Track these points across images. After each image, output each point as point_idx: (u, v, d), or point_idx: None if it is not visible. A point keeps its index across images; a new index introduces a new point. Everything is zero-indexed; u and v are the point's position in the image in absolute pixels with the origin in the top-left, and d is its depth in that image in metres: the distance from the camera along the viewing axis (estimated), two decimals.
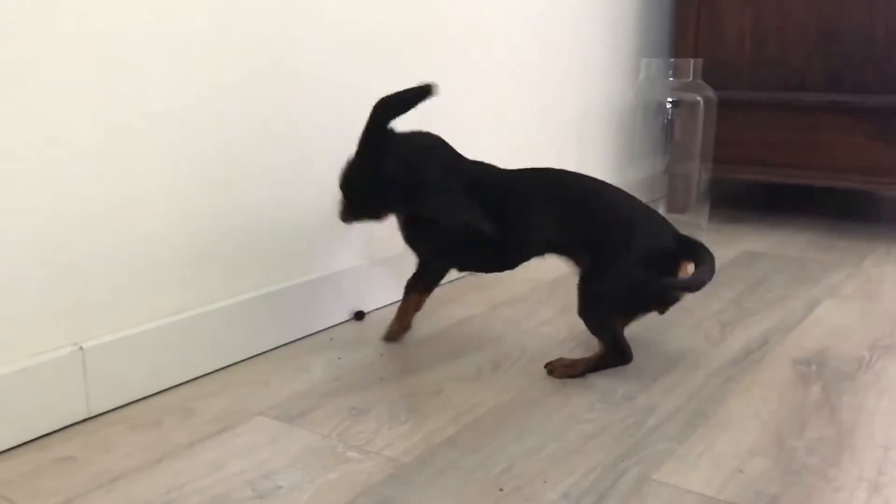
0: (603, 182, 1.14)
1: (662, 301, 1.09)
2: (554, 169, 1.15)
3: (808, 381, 1.05)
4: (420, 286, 1.19)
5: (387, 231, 1.32)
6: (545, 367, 1.09)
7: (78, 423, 0.92)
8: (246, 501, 0.77)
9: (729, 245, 1.79)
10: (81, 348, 0.91)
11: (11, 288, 0.85)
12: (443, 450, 0.87)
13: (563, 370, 1.07)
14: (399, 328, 1.19)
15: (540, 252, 1.13)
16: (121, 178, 0.94)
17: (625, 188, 1.13)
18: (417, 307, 1.20)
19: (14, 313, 0.86)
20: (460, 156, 1.11)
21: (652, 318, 1.13)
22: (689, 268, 1.07)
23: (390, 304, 1.33)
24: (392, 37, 1.30)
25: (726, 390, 1.03)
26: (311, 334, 1.21)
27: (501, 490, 0.79)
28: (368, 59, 1.26)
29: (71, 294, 0.91)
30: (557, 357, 1.10)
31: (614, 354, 1.08)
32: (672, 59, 1.89)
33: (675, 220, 1.58)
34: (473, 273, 1.24)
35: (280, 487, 0.79)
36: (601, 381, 1.05)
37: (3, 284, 0.84)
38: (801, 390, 1.02)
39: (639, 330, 1.21)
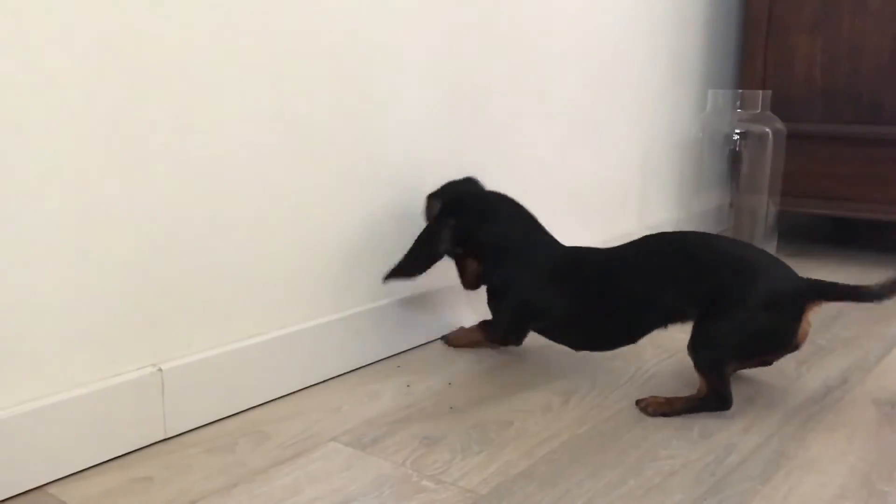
0: (709, 234, 1.14)
1: (780, 347, 1.06)
2: (656, 234, 1.15)
3: (893, 422, 1.02)
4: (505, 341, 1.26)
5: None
6: (637, 403, 1.06)
7: (155, 443, 0.93)
8: None
9: None
10: (160, 369, 0.92)
11: (93, 308, 0.86)
12: (520, 482, 0.86)
13: (658, 407, 1.04)
14: (464, 343, 1.27)
15: (661, 321, 1.10)
16: (199, 201, 0.95)
17: (690, 220, 1.12)
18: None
19: (95, 333, 0.87)
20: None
21: None
22: (817, 309, 1.04)
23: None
24: (468, 67, 1.31)
25: (808, 430, 1.00)
26: (378, 360, 1.21)
27: None
28: (447, 87, 1.26)
29: (151, 315, 0.92)
30: (643, 394, 1.09)
31: (716, 398, 1.03)
32: (740, 91, 1.87)
33: None
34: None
35: None
36: (677, 418, 1.03)
37: (85, 304, 0.86)
38: (886, 432, 0.99)
39: None
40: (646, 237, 1.14)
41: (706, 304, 1.04)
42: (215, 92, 0.94)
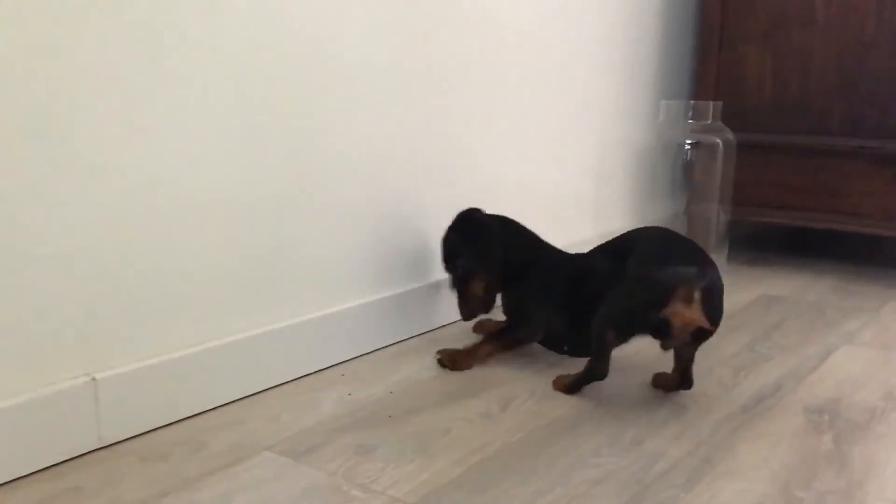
0: (669, 231, 1.23)
1: (644, 327, 1.07)
2: (637, 229, 1.27)
3: (820, 430, 1.04)
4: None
5: (398, 264, 1.33)
6: (553, 385, 1.18)
7: (89, 453, 0.93)
8: None
9: (747, 288, 1.79)
10: (94, 379, 0.93)
11: (25, 317, 0.87)
12: (449, 491, 0.87)
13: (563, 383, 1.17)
14: (464, 364, 1.25)
15: None
16: (137, 210, 0.96)
17: None
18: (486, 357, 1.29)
19: (28, 343, 0.87)
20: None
21: (666, 360, 1.13)
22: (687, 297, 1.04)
23: (397, 342, 1.34)
24: (414, 79, 1.32)
25: (736, 438, 1.02)
26: (322, 369, 1.22)
27: None
28: (399, 99, 1.28)
29: (84, 325, 0.92)
30: (583, 401, 1.13)
31: (595, 365, 1.12)
32: (691, 102, 1.90)
33: None
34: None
35: None
36: (611, 425, 1.05)
37: (18, 314, 0.86)
38: (812, 440, 1.02)
39: (648, 374, 1.21)
40: (628, 232, 1.25)
41: None
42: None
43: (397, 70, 1.29)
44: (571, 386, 1.15)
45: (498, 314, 1.35)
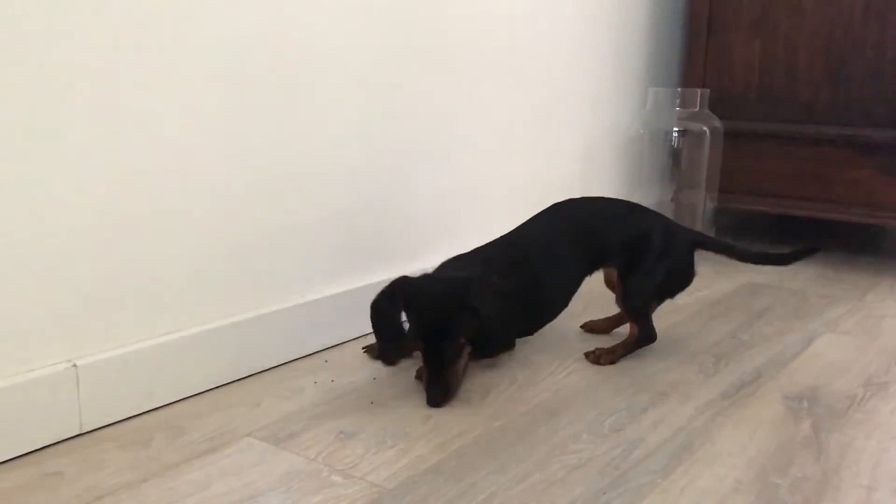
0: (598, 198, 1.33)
1: (684, 286, 1.29)
2: (560, 203, 1.31)
3: (799, 417, 1.05)
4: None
5: (381, 253, 1.33)
6: (587, 357, 1.24)
7: (70, 438, 0.93)
8: None
9: (732, 276, 1.79)
10: (75, 365, 0.93)
11: (8, 303, 0.87)
12: (427, 477, 0.87)
13: (608, 356, 1.23)
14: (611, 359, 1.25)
15: (587, 273, 1.29)
16: (118, 197, 0.95)
17: None
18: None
19: (9, 329, 0.88)
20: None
21: (645, 348, 1.14)
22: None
23: None
24: (395, 66, 1.32)
25: (715, 424, 1.03)
26: (306, 356, 1.22)
27: None
28: (376, 88, 1.28)
29: (67, 311, 0.92)
30: (564, 389, 1.14)
31: (646, 336, 1.25)
32: (679, 89, 1.90)
33: None
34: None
35: None
36: (591, 412, 1.05)
37: (0, 300, 0.86)
38: (790, 427, 1.02)
39: (632, 361, 1.22)
40: (551, 207, 1.30)
41: (623, 258, 1.24)
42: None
43: (375, 58, 1.28)
44: (618, 357, 1.23)
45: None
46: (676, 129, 1.90)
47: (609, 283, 1.33)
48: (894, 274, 1.85)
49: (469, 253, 1.22)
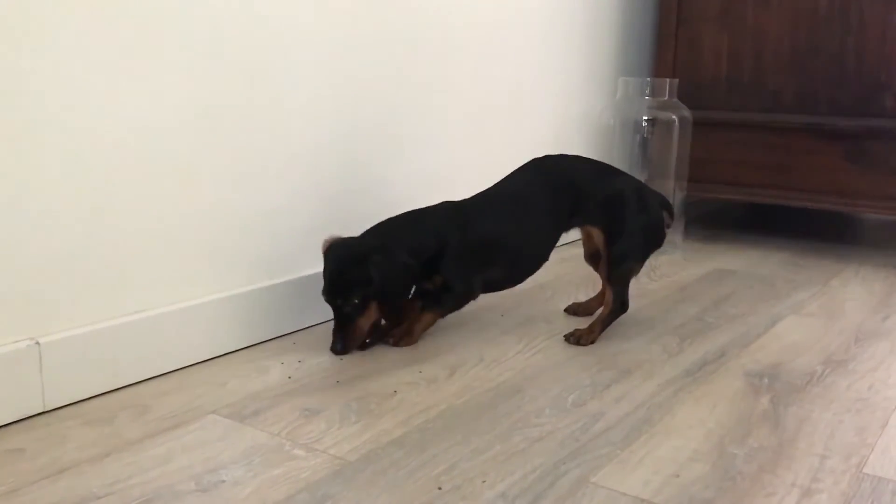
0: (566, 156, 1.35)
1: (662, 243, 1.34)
2: (536, 161, 1.33)
3: (759, 392, 1.07)
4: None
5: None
6: (567, 339, 1.25)
7: (32, 416, 0.93)
8: (188, 494, 0.78)
9: (701, 263, 1.81)
10: (38, 343, 0.93)
11: None
12: (388, 450, 0.88)
13: (588, 335, 1.24)
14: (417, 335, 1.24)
15: (563, 230, 1.32)
16: (84, 176, 0.96)
17: None
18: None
19: None
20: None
21: (612, 330, 1.16)
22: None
23: None
24: (365, 50, 1.32)
25: (676, 400, 1.04)
26: (275, 337, 1.23)
27: (440, 489, 0.80)
28: (345, 71, 1.28)
29: (29, 289, 0.92)
30: (530, 367, 1.15)
31: (620, 306, 1.27)
32: (648, 79, 1.92)
33: None
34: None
35: (223, 482, 0.81)
36: (555, 388, 1.06)
37: None
38: (749, 401, 1.04)
39: (598, 342, 1.23)
40: (530, 162, 1.33)
41: (604, 218, 1.27)
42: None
43: (341, 46, 1.29)
44: (597, 334, 1.25)
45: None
46: (646, 118, 1.92)
47: (589, 256, 1.35)
48: (859, 260, 1.88)
49: (416, 213, 1.24)
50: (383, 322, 1.23)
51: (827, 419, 0.99)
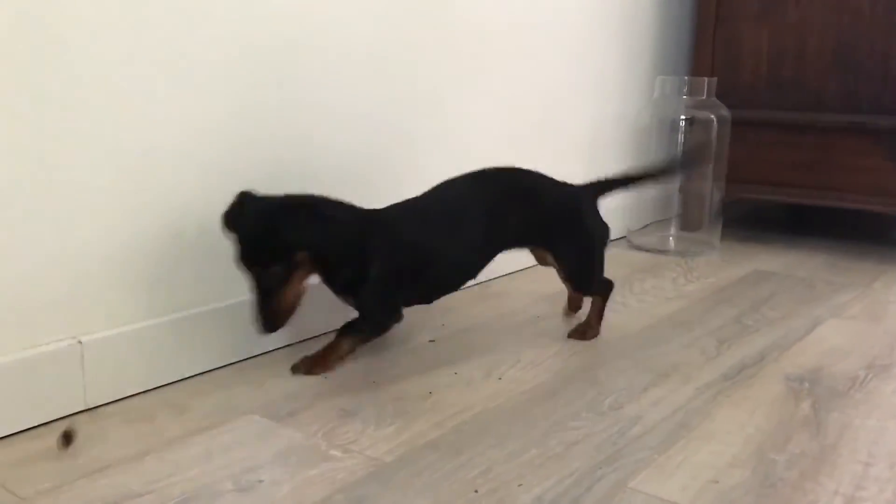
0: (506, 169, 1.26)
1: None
2: (467, 175, 1.22)
3: (799, 397, 1.05)
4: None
5: None
6: (571, 337, 1.26)
7: (75, 413, 0.95)
8: (226, 493, 0.79)
9: (740, 264, 1.79)
10: (80, 342, 0.94)
11: (14, 279, 0.88)
12: (424, 452, 0.88)
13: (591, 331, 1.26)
14: (331, 364, 1.12)
15: (499, 250, 1.23)
16: (122, 176, 0.97)
17: (638, 205, 1.16)
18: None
19: (15, 304, 0.89)
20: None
21: (648, 332, 1.14)
22: None
23: None
24: (404, 50, 1.33)
25: (715, 404, 1.03)
26: (312, 337, 1.24)
27: (476, 492, 0.80)
28: (380, 72, 1.29)
29: (72, 288, 0.94)
30: (568, 369, 1.15)
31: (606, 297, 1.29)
32: (686, 77, 1.90)
33: (687, 237, 1.62)
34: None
35: (261, 481, 0.81)
36: (592, 392, 1.06)
37: (6, 276, 0.88)
38: (790, 406, 1.02)
39: (633, 344, 1.22)
40: (457, 178, 1.21)
41: (549, 238, 1.22)
42: (134, 84, 0.96)
43: (379, 45, 1.29)
44: (598, 326, 1.27)
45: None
46: (683, 117, 1.90)
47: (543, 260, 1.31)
48: None
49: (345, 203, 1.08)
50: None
51: (870, 425, 0.97)
